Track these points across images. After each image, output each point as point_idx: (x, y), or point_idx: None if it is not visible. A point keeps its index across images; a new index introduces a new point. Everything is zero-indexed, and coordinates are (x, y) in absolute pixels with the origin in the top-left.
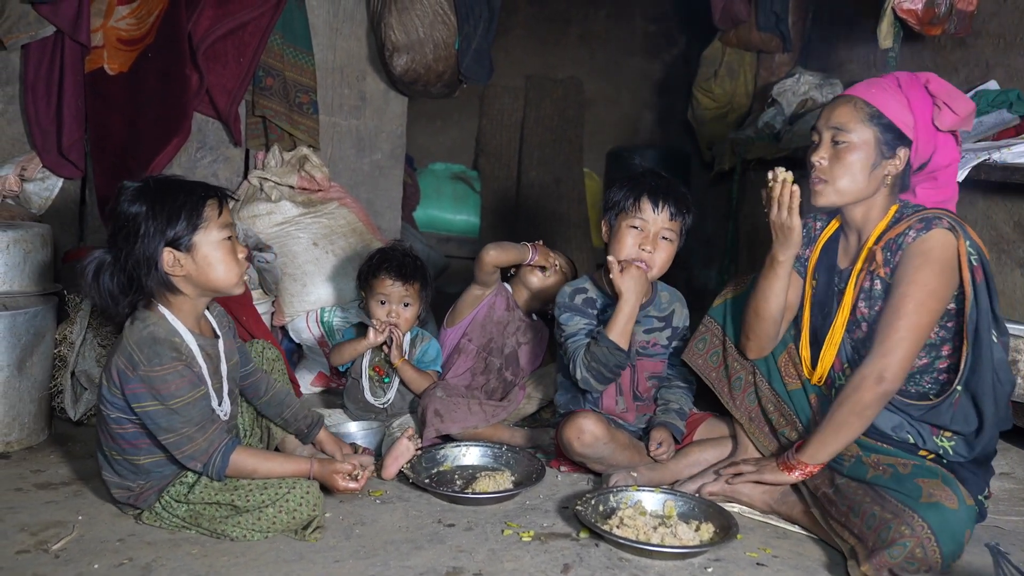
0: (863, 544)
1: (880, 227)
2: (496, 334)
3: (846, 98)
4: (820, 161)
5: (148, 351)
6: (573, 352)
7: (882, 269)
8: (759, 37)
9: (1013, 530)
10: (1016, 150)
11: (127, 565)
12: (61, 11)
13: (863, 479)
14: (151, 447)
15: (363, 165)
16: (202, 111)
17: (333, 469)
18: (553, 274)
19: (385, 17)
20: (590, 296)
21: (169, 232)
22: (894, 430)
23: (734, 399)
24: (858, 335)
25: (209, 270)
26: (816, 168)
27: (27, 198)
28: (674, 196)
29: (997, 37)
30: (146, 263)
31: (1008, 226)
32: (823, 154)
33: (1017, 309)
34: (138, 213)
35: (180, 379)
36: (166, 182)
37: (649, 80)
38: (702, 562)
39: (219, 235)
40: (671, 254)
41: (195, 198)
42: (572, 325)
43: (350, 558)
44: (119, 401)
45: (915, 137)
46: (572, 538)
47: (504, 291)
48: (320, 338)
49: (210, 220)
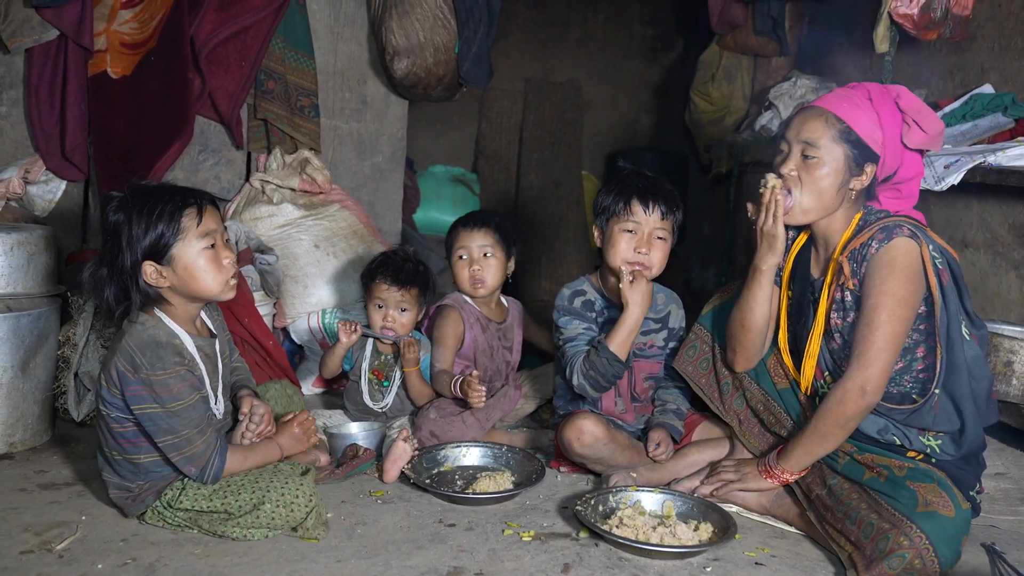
0: (861, 553)
1: (845, 236)
2: (489, 361)
3: (817, 111)
4: (790, 173)
5: (151, 355)
6: (571, 358)
7: (850, 281)
8: (756, 41)
9: (1009, 529)
10: (1011, 153)
11: (130, 565)
12: (64, 15)
13: (859, 480)
14: (150, 447)
15: (364, 168)
16: (204, 114)
17: (289, 432)
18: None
19: (386, 21)
20: (588, 299)
21: (146, 244)
22: (880, 433)
23: (724, 403)
24: (833, 346)
25: (192, 280)
26: (786, 179)
27: (31, 201)
28: (663, 195)
29: (992, 41)
30: (128, 275)
31: (1003, 228)
32: (792, 166)
33: (1012, 310)
34: (118, 223)
35: (182, 383)
36: (146, 191)
37: (647, 83)
38: (701, 562)
39: (199, 244)
40: (666, 252)
41: (171, 207)
42: (571, 329)
43: (352, 558)
44: (118, 402)
45: (883, 153)
46: (572, 538)
47: (467, 313)
48: (322, 339)
49: (188, 230)
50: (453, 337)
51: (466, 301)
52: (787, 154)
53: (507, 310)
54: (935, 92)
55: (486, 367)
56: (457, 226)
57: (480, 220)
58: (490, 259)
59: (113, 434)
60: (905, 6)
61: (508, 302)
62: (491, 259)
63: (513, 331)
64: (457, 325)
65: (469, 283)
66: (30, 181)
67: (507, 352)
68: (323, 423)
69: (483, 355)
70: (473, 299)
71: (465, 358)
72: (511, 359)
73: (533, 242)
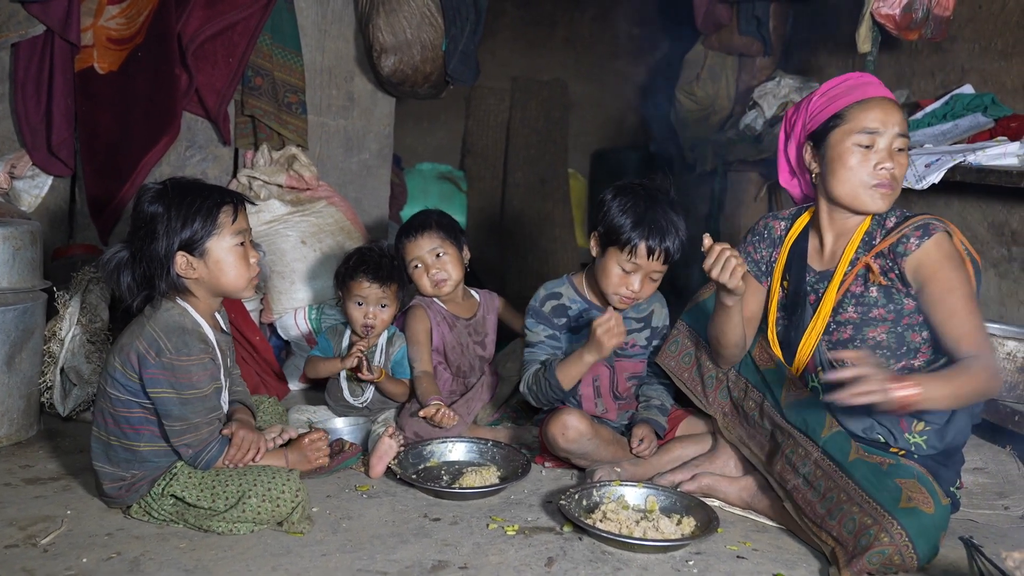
0: (843, 548)
1: (861, 230)
2: (460, 358)
3: (890, 101)
4: (892, 170)
5: (176, 339)
6: (526, 363)
7: (881, 278)
8: (740, 41)
9: (986, 523)
10: (990, 152)
11: (115, 559)
12: (51, 10)
13: (843, 462)
14: (153, 435)
15: (351, 164)
16: (191, 110)
17: (300, 448)
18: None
19: (373, 19)
20: (562, 303)
21: (183, 236)
22: (865, 431)
23: (707, 397)
24: (837, 337)
25: (220, 275)
26: (890, 176)
27: (17, 196)
28: (671, 237)
29: (972, 42)
30: (159, 264)
31: (982, 227)
32: (889, 162)
33: (991, 308)
34: (155, 214)
35: (203, 371)
36: (185, 185)
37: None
38: (683, 555)
39: (232, 240)
40: (656, 287)
41: (210, 203)
42: (534, 334)
43: (337, 552)
44: (133, 384)
45: None
46: (556, 532)
47: (434, 312)
48: (308, 335)
49: (224, 226)
50: (424, 333)
51: (432, 301)
52: (882, 148)
53: (477, 304)
54: (917, 92)
55: (458, 364)
56: (401, 238)
57: (420, 225)
58: (444, 258)
59: (116, 418)
60: (887, 6)
61: (479, 295)
62: (445, 258)
63: (485, 324)
64: (425, 322)
65: (432, 287)
66: (16, 176)
67: (478, 347)
68: (307, 418)
69: (453, 352)
70: (439, 298)
71: (437, 353)
72: (484, 353)
73: (519, 239)
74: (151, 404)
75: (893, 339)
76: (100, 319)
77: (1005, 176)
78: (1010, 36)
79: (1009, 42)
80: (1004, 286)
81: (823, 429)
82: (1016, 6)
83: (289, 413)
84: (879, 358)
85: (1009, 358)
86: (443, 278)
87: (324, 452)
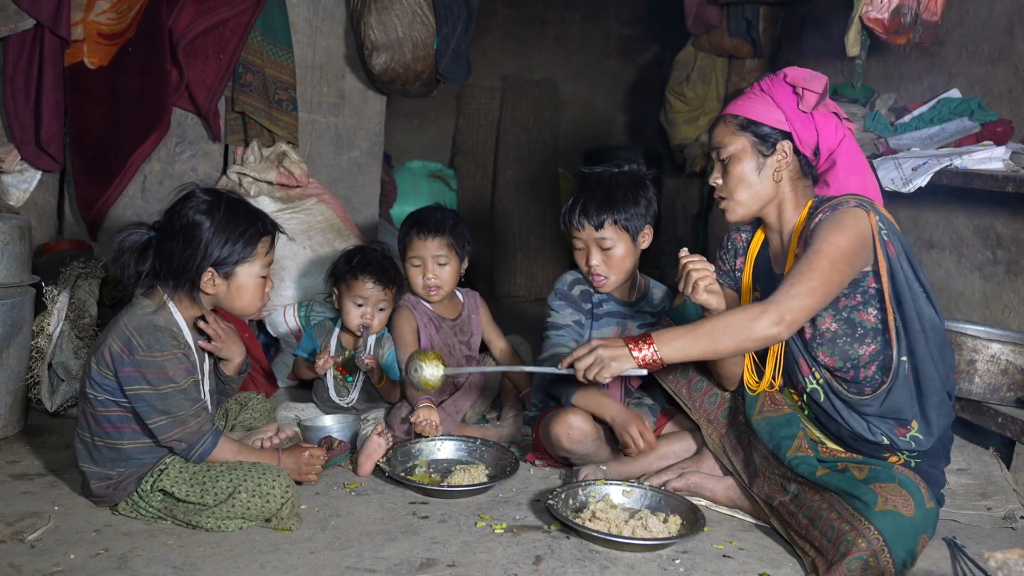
0: (824, 557)
1: (799, 224)
2: (447, 357)
3: (719, 119)
4: (716, 182)
5: (148, 337)
6: (550, 347)
7: None
8: (731, 43)
9: (969, 524)
10: (976, 156)
11: (103, 555)
12: (41, 4)
13: (811, 477)
14: (135, 432)
15: (341, 162)
16: (182, 106)
17: (297, 457)
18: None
19: (365, 16)
20: (587, 289)
21: (220, 254)
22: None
23: (693, 401)
24: (806, 337)
25: (237, 298)
26: (716, 189)
27: (5, 190)
28: (597, 205)
29: (960, 47)
30: (185, 270)
31: (968, 230)
32: (716, 175)
33: (976, 311)
34: (199, 224)
35: (178, 366)
36: (235, 204)
37: (623, 83)
38: (670, 554)
39: (260, 271)
40: (623, 253)
41: (253, 231)
42: (561, 316)
43: (325, 549)
44: (110, 383)
45: (792, 128)
46: (544, 530)
47: (420, 313)
48: (297, 332)
49: (259, 256)
50: (411, 334)
51: (419, 302)
52: (712, 167)
53: (461, 304)
54: (904, 96)
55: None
56: (411, 231)
57: (435, 227)
58: (444, 267)
59: (97, 418)
60: (876, 11)
61: (462, 294)
62: (445, 267)
63: (470, 323)
64: (411, 323)
65: (423, 290)
66: (5, 171)
67: (464, 347)
68: (296, 415)
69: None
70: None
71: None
72: (470, 352)
73: (509, 238)
74: (127, 403)
75: (843, 324)
76: (88, 315)
77: (991, 180)
78: (997, 41)
79: (996, 47)
80: (989, 289)
81: (789, 449)
82: (1003, 12)
83: (277, 411)
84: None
85: (992, 360)
86: (437, 285)
87: (317, 471)
